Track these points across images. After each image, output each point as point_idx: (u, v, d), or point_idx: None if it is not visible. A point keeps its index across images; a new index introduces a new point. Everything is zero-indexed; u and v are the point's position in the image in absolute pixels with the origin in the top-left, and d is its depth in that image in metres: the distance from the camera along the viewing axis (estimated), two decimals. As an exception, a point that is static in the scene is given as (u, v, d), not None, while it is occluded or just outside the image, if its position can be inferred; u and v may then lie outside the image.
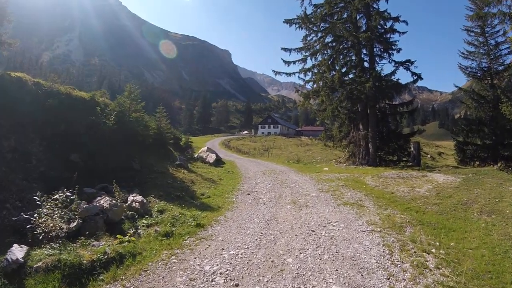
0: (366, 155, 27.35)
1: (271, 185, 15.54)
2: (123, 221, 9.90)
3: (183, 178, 16.49)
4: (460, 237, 7.93)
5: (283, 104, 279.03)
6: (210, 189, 15.54)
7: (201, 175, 19.05)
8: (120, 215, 9.79)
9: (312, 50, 29.42)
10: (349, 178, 17.27)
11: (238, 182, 17.37)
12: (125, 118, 16.86)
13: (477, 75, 30.40)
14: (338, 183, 15.72)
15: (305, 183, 15.84)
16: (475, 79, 30.83)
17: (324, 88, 26.76)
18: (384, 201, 11.91)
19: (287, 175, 19.16)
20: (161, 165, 17.62)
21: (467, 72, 30.85)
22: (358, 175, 18.57)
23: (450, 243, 7.48)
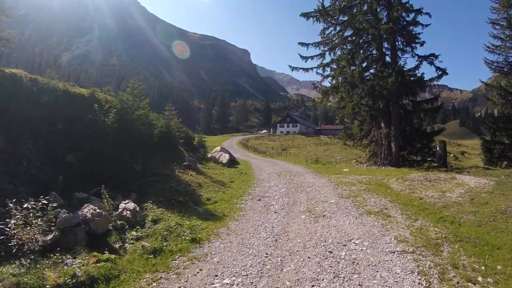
0: (388, 155, 25.53)
1: (285, 189, 14.00)
2: (111, 233, 8.65)
3: (189, 180, 15.15)
4: (507, 257, 6.41)
5: (302, 103, 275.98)
6: (218, 193, 14.15)
7: (211, 177, 17.68)
8: (105, 226, 8.49)
9: (331, 44, 27.76)
10: (372, 181, 15.56)
11: (250, 185, 15.91)
12: (127, 116, 15.64)
13: (504, 70, 28.15)
14: (359, 187, 14.05)
15: (323, 187, 14.23)
16: (502, 74, 28.58)
17: (343, 84, 25.01)
18: (412, 209, 10.28)
19: (303, 177, 17.55)
20: (167, 167, 16.35)
21: (493, 67, 28.57)
22: (381, 177, 16.84)
23: (496, 266, 5.99)
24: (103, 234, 8.47)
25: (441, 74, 25.70)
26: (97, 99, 15.92)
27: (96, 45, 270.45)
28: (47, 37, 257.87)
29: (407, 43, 26.19)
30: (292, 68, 27.44)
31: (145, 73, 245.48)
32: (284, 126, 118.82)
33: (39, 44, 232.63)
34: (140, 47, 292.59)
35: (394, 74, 23.12)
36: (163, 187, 13.31)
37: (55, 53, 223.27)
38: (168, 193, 12.76)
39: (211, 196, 13.36)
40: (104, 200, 10.28)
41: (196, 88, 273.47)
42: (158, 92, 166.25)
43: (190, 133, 28.68)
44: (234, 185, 16.09)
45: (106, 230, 8.59)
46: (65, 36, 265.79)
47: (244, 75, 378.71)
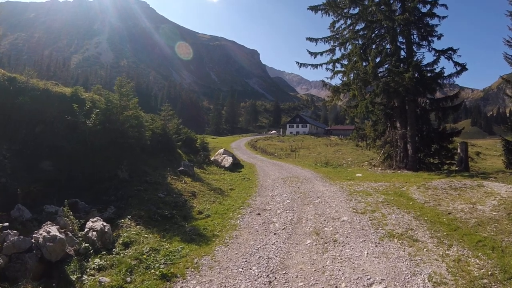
0: (404, 157, 23.50)
1: (290, 200, 12.11)
2: (71, 259, 6.94)
3: (182, 189, 13.41)
4: None
5: (312, 103, 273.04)
6: (213, 204, 12.37)
7: (209, 184, 15.92)
8: (59, 253, 6.83)
9: (341, 39, 25.79)
10: (390, 190, 13.59)
11: (251, 193, 14.08)
12: (113, 117, 13.98)
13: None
14: (376, 197, 12.10)
15: (333, 197, 12.30)
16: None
17: (355, 81, 23.04)
18: (443, 229, 8.40)
19: (312, 184, 15.62)
20: (159, 173, 14.66)
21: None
22: (399, 184, 14.86)
23: None
24: (60, 261, 6.81)
25: (461, 70, 23.55)
26: (81, 99, 14.34)
27: (105, 47, 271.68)
28: (56, 39, 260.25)
29: (423, 36, 24.19)
30: (300, 64, 25.57)
31: (154, 75, 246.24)
32: (293, 127, 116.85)
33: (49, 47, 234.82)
34: (149, 48, 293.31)
35: (411, 69, 21.09)
36: (149, 198, 11.61)
37: (65, 55, 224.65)
38: (154, 205, 11.04)
39: (204, 208, 11.59)
40: (65, 218, 8.65)
41: (206, 89, 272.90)
42: (167, 93, 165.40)
43: (192, 134, 26.98)
44: (233, 194, 14.28)
45: (64, 256, 6.91)
46: (75, 38, 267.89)
47: (254, 75, 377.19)
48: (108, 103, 14.19)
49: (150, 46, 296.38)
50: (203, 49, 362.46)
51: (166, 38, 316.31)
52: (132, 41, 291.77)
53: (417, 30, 24.24)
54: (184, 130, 25.61)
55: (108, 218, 9.91)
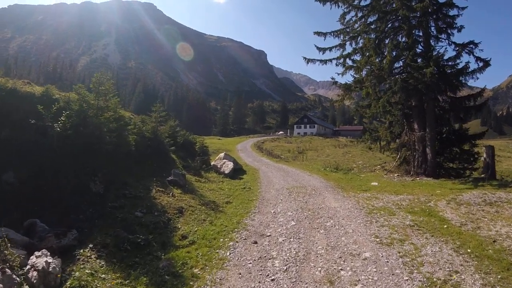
0: (422, 162, 21.20)
1: (295, 221, 9.82)
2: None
3: (167, 204, 11.29)
4: None
5: (319, 103, 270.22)
6: (203, 224, 10.23)
7: (202, 196, 13.77)
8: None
9: (352, 33, 23.54)
10: (415, 206, 11.31)
11: (250, 209, 11.89)
12: (89, 120, 11.92)
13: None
14: (402, 218, 9.79)
15: (349, 217, 9.97)
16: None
17: (369, 78, 20.77)
18: (494, 269, 6.31)
19: (322, 197, 13.31)
20: (143, 184, 12.58)
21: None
22: (424, 197, 12.57)
23: None
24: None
25: (484, 66, 21.16)
26: (52, 100, 12.32)
27: (113, 49, 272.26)
28: (64, 41, 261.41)
29: (441, 29, 21.91)
30: (308, 60, 23.32)
31: (161, 76, 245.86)
32: (301, 127, 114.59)
33: (57, 49, 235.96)
34: (156, 49, 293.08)
35: (432, 64, 18.77)
36: (124, 218, 9.54)
37: (73, 57, 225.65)
38: (127, 228, 8.97)
39: (189, 231, 9.45)
40: (5, 251, 6.58)
41: (213, 89, 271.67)
42: (174, 94, 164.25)
43: (191, 137, 24.89)
44: (229, 209, 12.11)
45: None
46: (83, 40, 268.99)
47: (261, 76, 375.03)
48: (83, 103, 12.13)
49: (157, 47, 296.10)
50: (211, 50, 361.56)
51: (173, 39, 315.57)
52: (139, 42, 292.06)
53: (435, 21, 21.98)
54: (182, 133, 23.57)
55: (67, 246, 7.93)
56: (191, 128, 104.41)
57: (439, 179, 19.36)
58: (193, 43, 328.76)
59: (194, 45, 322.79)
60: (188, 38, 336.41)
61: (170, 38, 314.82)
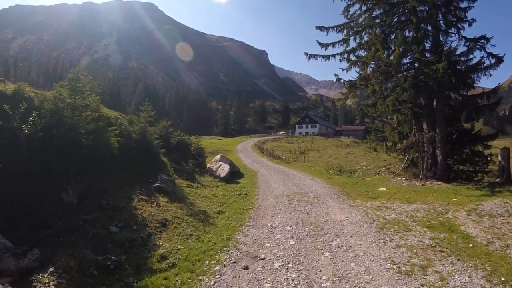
0: (432, 164, 19.78)
1: (295, 239, 8.31)
2: None
3: (149, 216, 9.89)
4: None
5: (321, 103, 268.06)
6: (188, 240, 8.84)
7: (192, 204, 12.37)
8: None
9: (356, 27, 22.15)
10: (432, 218, 9.87)
11: (243, 221, 10.48)
12: (64, 120, 10.55)
13: None
14: (420, 235, 8.33)
15: (358, 234, 8.48)
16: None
17: (376, 74, 19.32)
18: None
19: (325, 206, 11.85)
20: (124, 192, 11.19)
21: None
22: (441, 207, 11.13)
23: None
24: None
25: (497, 62, 19.67)
26: (26, 98, 10.95)
27: (114, 49, 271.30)
28: (65, 41, 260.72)
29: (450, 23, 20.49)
30: (309, 55, 21.90)
31: (163, 76, 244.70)
32: (302, 127, 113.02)
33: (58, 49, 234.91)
34: (158, 50, 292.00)
35: (443, 59, 17.34)
36: (96, 234, 8.20)
37: (75, 57, 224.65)
38: (98, 246, 7.61)
39: (171, 250, 8.05)
40: None
41: (214, 89, 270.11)
42: (175, 94, 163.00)
43: (186, 138, 23.46)
44: (220, 221, 10.68)
45: None
46: (84, 40, 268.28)
47: (262, 76, 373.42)
48: (58, 102, 10.75)
49: (158, 48, 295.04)
50: (212, 50, 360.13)
51: (174, 39, 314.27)
52: (140, 43, 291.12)
53: (444, 15, 20.57)
54: (176, 133, 22.19)
55: (26, 268, 6.64)
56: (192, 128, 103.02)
57: (450, 183, 17.97)
58: (194, 43, 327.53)
59: (195, 45, 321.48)
60: (189, 38, 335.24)
61: (171, 38, 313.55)
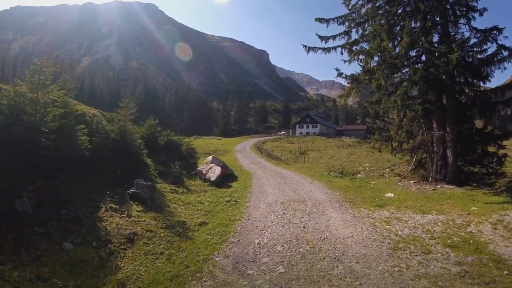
0: (442, 166, 18.15)
1: (285, 265, 6.46)
2: None
3: (114, 229, 8.32)
4: None
5: (322, 102, 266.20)
6: (156, 261, 7.24)
7: (171, 214, 10.73)
8: None
9: (359, 19, 20.59)
10: (453, 233, 8.22)
11: (227, 236, 8.81)
12: (25, 118, 9.01)
13: None
14: (443, 259, 6.65)
15: (366, 259, 6.59)
16: None
17: (381, 67, 17.68)
18: None
19: (325, 218, 10.07)
20: (91, 200, 9.59)
21: None
22: (460, 219, 9.45)
23: None
24: None
25: (510, 55, 18.04)
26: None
27: (114, 50, 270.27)
28: (66, 42, 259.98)
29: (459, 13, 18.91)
30: (308, 48, 20.28)
31: (163, 76, 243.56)
32: (303, 127, 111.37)
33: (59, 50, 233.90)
34: (158, 50, 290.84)
35: (456, 49, 15.73)
36: (45, 251, 6.63)
37: (75, 58, 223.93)
38: (42, 268, 6.00)
39: (131, 275, 6.46)
40: None
41: (215, 89, 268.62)
42: (175, 95, 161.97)
43: (176, 138, 21.86)
44: (200, 235, 9.02)
45: None
46: (84, 41, 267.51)
47: (263, 76, 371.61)
48: (17, 97, 9.17)
49: (158, 48, 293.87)
50: (212, 50, 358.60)
51: (174, 40, 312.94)
52: (141, 43, 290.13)
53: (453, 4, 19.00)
54: (165, 133, 20.63)
55: None
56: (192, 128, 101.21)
57: (463, 187, 16.35)
58: (195, 44, 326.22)
59: (195, 46, 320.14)
60: (189, 39, 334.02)
61: (171, 38, 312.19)
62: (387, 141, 21.77)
